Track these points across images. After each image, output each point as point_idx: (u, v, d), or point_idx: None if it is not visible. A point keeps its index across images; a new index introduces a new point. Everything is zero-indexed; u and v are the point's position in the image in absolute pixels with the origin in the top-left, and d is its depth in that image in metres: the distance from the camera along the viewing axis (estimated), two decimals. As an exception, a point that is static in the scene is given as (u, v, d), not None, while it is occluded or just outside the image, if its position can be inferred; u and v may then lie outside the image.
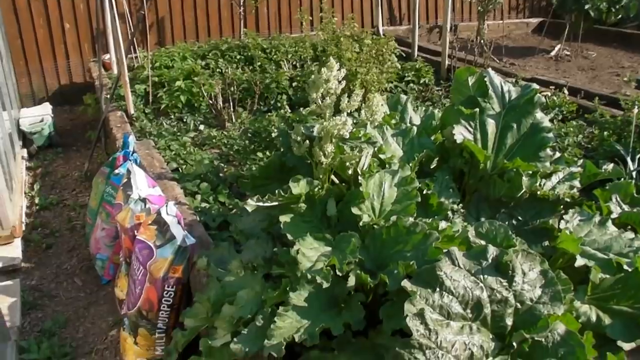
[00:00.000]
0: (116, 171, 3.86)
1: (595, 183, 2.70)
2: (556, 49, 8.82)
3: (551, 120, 5.28)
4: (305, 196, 2.10)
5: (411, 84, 6.49)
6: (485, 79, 2.43)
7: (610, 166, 2.69)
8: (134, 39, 6.53)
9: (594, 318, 2.03)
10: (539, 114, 2.43)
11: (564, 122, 4.91)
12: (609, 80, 7.50)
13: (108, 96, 5.61)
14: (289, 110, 4.38)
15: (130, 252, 3.14)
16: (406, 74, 6.56)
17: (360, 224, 2.01)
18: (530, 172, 2.32)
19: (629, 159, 3.13)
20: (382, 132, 2.45)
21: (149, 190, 3.39)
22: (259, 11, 8.18)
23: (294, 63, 6.49)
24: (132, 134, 4.56)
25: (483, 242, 1.93)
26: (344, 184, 2.21)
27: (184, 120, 5.33)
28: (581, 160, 2.67)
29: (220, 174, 3.81)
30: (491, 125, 2.43)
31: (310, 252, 1.93)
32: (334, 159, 2.09)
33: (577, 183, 2.46)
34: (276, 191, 2.06)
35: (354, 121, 2.11)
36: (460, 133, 2.37)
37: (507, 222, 2.38)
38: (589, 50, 8.98)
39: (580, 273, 2.21)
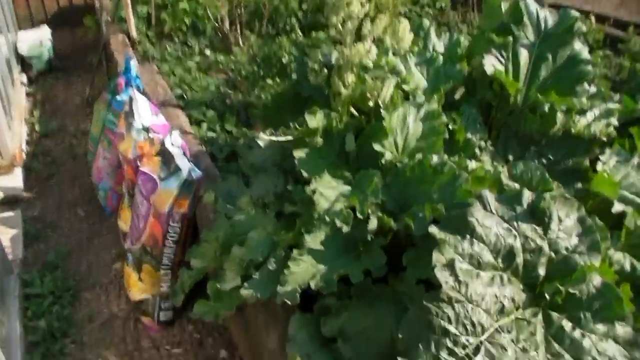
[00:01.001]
0: (118, 97, 3.69)
1: (630, 120, 2.51)
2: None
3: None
4: (323, 130, 1.93)
5: (426, 8, 6.18)
6: (521, 4, 2.20)
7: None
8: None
9: (627, 267, 1.89)
10: (577, 45, 2.22)
11: (590, 53, 4.66)
12: (638, 7, 7.13)
13: (109, 18, 5.35)
14: (300, 35, 4.12)
15: (133, 184, 3.01)
16: (423, -1, 6.24)
17: (383, 161, 1.85)
18: (565, 107, 2.13)
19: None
20: (405, 60, 2.24)
21: (152, 119, 3.21)
22: None
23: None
24: (134, 57, 4.35)
25: (517, 185, 1.77)
26: (363, 117, 2.03)
27: (189, 44, 5.08)
28: (617, 95, 2.47)
29: (227, 101, 3.62)
30: (524, 55, 2.22)
31: (328, 191, 1.78)
32: (354, 90, 1.90)
33: (614, 121, 2.27)
34: (291, 124, 1.89)
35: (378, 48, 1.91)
36: (491, 63, 2.16)
37: (536, 161, 2.22)
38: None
39: (613, 217, 2.06)
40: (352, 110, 2.01)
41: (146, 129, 3.10)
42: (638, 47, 3.82)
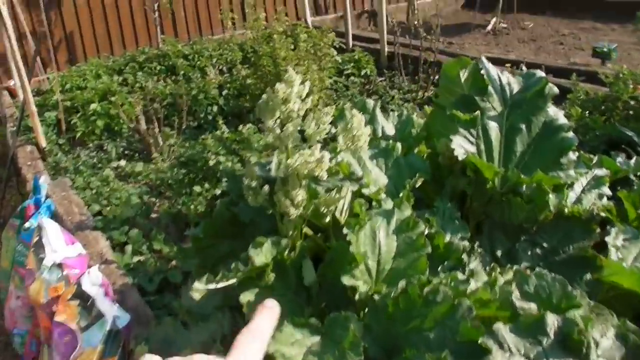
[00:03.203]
0: (26, 225, 3.17)
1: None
2: (492, 22, 8.46)
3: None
4: (273, 263, 1.51)
5: (352, 77, 5.96)
6: (482, 72, 1.88)
7: (630, 160, 2.20)
8: (41, 59, 5.77)
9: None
10: (551, 110, 1.91)
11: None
12: (555, 50, 7.17)
13: (15, 128, 4.85)
14: (225, 130, 3.69)
15: (50, 333, 2.48)
16: (345, 67, 6.01)
17: (357, 297, 1.44)
18: (554, 185, 1.80)
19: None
20: (358, 155, 1.88)
21: (67, 250, 2.71)
22: (175, 15, 7.43)
23: (221, 68, 5.84)
24: (44, 174, 3.85)
25: (532, 305, 1.38)
26: (320, 234, 1.63)
27: (104, 148, 4.61)
28: (595, 157, 2.17)
29: (153, 215, 3.15)
30: (494, 130, 1.89)
31: (292, 350, 1.35)
32: (306, 207, 1.50)
33: (606, 190, 1.95)
34: (232, 265, 1.46)
35: (328, 150, 1.53)
36: (461, 145, 1.81)
37: (529, 253, 1.86)
38: (524, 20, 8.66)
39: (634, 308, 1.72)
40: (306, 229, 1.60)
41: (59, 266, 2.59)
42: (584, 96, 3.59)
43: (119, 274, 2.63)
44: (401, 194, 1.72)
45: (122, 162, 4.23)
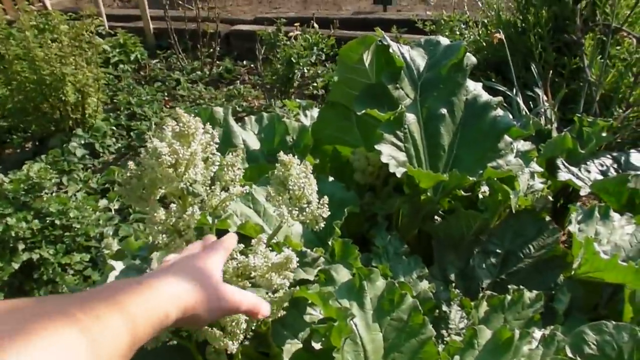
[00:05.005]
0: None
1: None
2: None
3: (315, 64, 4.50)
4: None
5: (121, 65, 5.12)
6: (391, 51, 1.39)
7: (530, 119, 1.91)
8: None
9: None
10: (470, 84, 1.51)
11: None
12: (324, 0, 6.96)
13: None
14: (3, 178, 2.66)
15: None
16: (110, 55, 5.14)
17: None
18: (503, 178, 1.41)
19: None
20: (251, 198, 1.31)
21: None
22: None
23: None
24: None
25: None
26: (263, 355, 1.05)
27: None
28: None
29: None
30: (414, 123, 1.44)
31: None
32: (246, 330, 0.91)
33: (536, 167, 1.63)
34: None
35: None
36: (390, 156, 1.33)
37: (483, 265, 1.48)
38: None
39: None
40: None
41: None
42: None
43: None
44: (332, 243, 1.21)
45: None
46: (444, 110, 1.47)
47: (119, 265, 1.15)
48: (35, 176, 2.51)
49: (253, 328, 0.97)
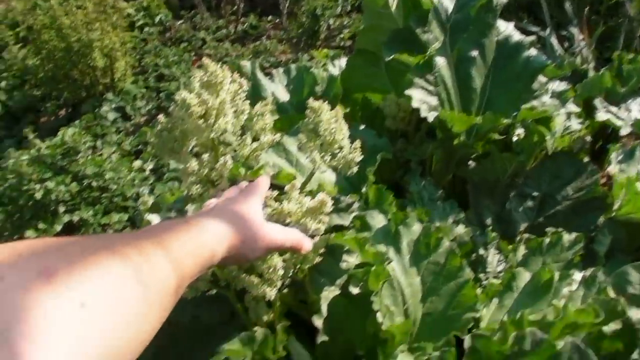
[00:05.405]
0: None
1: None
2: None
3: (341, 15, 4.43)
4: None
5: (147, 28, 5.09)
6: (419, -9, 1.36)
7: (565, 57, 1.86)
8: None
9: None
10: (502, 24, 1.47)
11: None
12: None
13: None
14: (40, 144, 2.63)
15: None
16: (135, 18, 5.12)
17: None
18: (539, 119, 1.38)
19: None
20: (282, 149, 1.31)
21: None
22: None
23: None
24: None
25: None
26: (302, 303, 1.06)
27: None
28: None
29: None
30: (444, 67, 1.41)
31: None
32: (284, 277, 0.92)
33: (573, 107, 1.58)
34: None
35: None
36: (422, 100, 1.31)
37: (519, 208, 1.46)
38: None
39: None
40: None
41: None
42: None
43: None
44: (366, 190, 1.20)
45: None
46: (474, 52, 1.44)
47: (155, 219, 1.16)
48: (71, 141, 2.55)
49: (290, 276, 0.97)
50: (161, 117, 0.87)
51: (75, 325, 0.43)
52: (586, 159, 1.49)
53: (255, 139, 0.95)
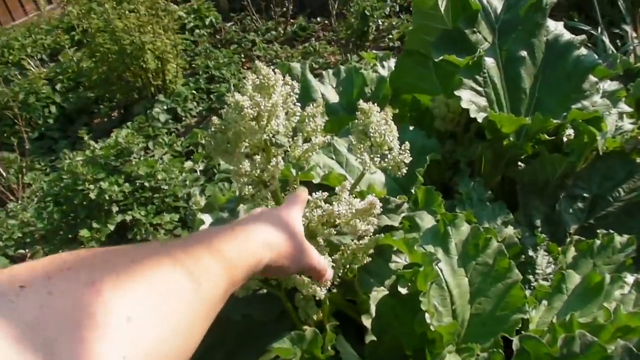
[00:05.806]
0: None
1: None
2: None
3: (390, 16, 4.43)
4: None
5: (197, 31, 5.21)
6: (467, -6, 1.37)
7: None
8: None
9: None
10: (551, 24, 1.46)
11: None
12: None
13: None
14: (94, 145, 2.80)
15: None
16: (186, 21, 5.24)
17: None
18: (589, 119, 1.37)
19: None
20: (333, 150, 1.33)
21: None
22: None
23: (42, 57, 4.85)
24: None
25: None
26: (351, 302, 1.08)
27: None
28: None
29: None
30: (493, 67, 1.41)
31: None
32: (333, 278, 0.94)
33: (625, 107, 1.56)
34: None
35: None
36: (471, 101, 1.32)
37: (569, 210, 1.45)
38: None
39: None
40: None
41: None
42: None
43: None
44: (415, 191, 1.21)
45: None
46: (523, 53, 1.43)
47: (207, 219, 1.20)
48: (124, 142, 2.64)
49: (339, 276, 0.99)
50: (214, 119, 0.91)
51: (122, 341, 0.44)
52: (639, 160, 1.46)
53: (306, 140, 0.97)
